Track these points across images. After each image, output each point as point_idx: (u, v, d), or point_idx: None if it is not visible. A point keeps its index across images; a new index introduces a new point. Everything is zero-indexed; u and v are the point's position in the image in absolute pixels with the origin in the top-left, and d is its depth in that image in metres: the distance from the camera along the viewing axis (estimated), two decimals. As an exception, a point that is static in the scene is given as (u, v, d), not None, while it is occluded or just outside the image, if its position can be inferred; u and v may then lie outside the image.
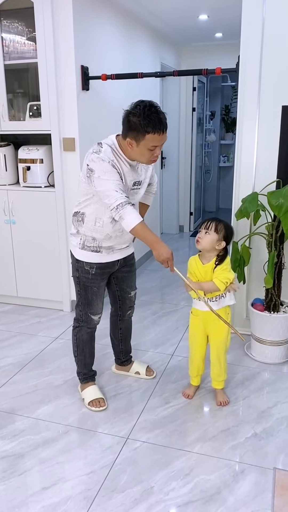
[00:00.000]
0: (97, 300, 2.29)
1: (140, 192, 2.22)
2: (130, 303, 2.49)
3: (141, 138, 1.94)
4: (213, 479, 1.87)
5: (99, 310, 2.33)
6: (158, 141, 1.97)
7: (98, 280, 2.25)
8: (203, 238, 2.19)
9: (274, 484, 1.84)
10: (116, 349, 2.62)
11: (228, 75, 6.47)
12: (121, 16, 3.74)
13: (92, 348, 2.42)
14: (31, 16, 3.01)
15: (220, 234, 2.19)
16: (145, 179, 2.23)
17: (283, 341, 2.72)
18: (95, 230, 2.15)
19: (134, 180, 2.14)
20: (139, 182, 2.17)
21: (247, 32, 2.64)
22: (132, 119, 1.93)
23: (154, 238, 2.02)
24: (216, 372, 2.37)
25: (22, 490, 1.83)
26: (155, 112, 1.93)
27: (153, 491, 1.81)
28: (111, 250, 2.23)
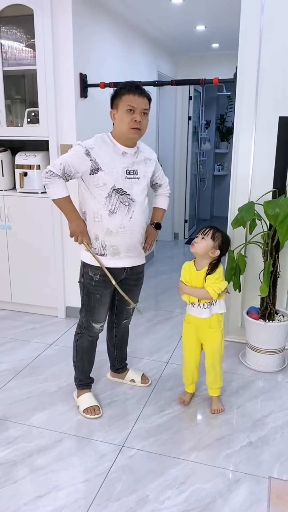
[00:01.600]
0: (100, 308, 2.27)
1: (141, 184, 2.17)
2: (127, 314, 2.47)
3: (119, 102, 2.07)
4: (209, 488, 1.87)
5: (102, 318, 2.31)
6: (134, 101, 2.04)
7: (101, 288, 2.23)
8: (199, 242, 2.21)
9: (269, 493, 1.84)
10: (112, 356, 2.61)
11: (224, 85, 6.53)
12: (119, 25, 3.77)
13: (91, 356, 2.41)
14: (30, 23, 3.04)
15: (216, 242, 2.20)
16: (145, 174, 2.21)
17: (278, 350, 2.74)
18: (96, 226, 2.15)
19: (127, 167, 2.12)
20: (134, 171, 2.15)
21: (245, 42, 2.68)
22: (112, 96, 2.11)
23: (74, 215, 2.17)
24: (211, 380, 2.38)
25: (16, 498, 1.81)
26: (132, 82, 2.11)
27: (149, 499, 1.81)
28: (117, 254, 2.18)
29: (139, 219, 2.18)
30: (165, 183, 2.45)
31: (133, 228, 2.16)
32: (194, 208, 6.77)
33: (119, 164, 2.10)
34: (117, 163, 2.10)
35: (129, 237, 2.17)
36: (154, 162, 2.29)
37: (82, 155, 2.06)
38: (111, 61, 3.66)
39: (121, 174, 2.11)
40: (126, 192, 2.11)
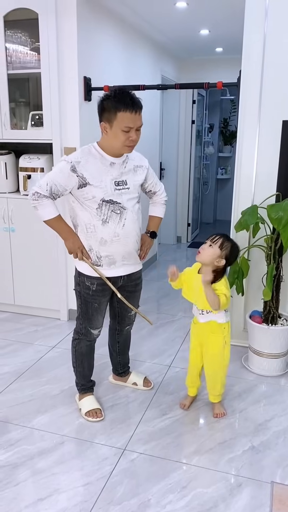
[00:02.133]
0: (98, 315, 2.26)
1: (130, 193, 2.13)
2: (128, 320, 2.46)
3: (113, 118, 1.96)
4: (210, 492, 1.86)
5: (99, 324, 2.31)
6: (131, 121, 1.95)
7: (99, 297, 2.21)
8: (205, 250, 2.14)
9: (272, 498, 1.83)
10: (114, 360, 2.60)
11: (227, 89, 6.55)
12: (123, 29, 3.79)
13: (91, 360, 2.40)
14: (35, 27, 3.05)
15: (224, 252, 2.13)
16: (135, 182, 2.16)
17: (281, 354, 2.73)
18: (89, 237, 2.12)
19: (115, 179, 2.08)
20: (123, 182, 2.11)
21: (249, 46, 2.68)
22: (104, 103, 1.98)
23: (68, 232, 2.15)
24: (210, 386, 2.36)
25: (18, 501, 1.81)
26: (127, 93, 1.97)
27: (150, 503, 1.80)
28: (113, 263, 2.16)
29: (132, 226, 2.15)
30: (160, 190, 2.40)
31: (127, 236, 2.14)
32: (197, 212, 6.77)
33: (107, 176, 2.06)
34: (105, 175, 2.05)
35: (124, 245, 2.15)
36: (146, 169, 2.23)
37: (68, 172, 2.01)
38: (115, 64, 3.67)
39: (110, 187, 2.06)
40: (116, 201, 2.08)
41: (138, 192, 2.21)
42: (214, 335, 2.25)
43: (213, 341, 2.26)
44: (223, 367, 2.32)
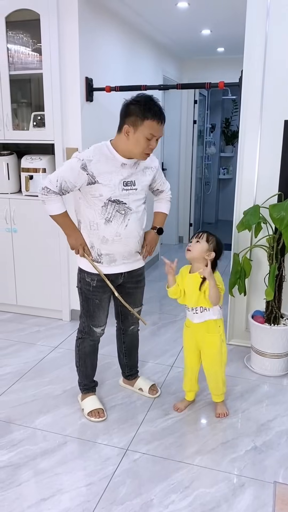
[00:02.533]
0: (99, 312, 2.26)
1: (137, 194, 2.15)
2: (132, 319, 2.44)
3: (139, 124, 1.98)
4: (213, 492, 1.86)
5: (102, 322, 2.30)
6: (156, 130, 2.00)
7: (100, 293, 2.22)
8: (193, 246, 2.19)
9: (275, 498, 1.83)
10: (121, 362, 2.58)
11: (229, 89, 6.55)
12: (125, 29, 3.79)
13: (94, 360, 2.40)
14: (36, 28, 3.06)
15: (211, 245, 2.18)
16: (143, 183, 2.17)
17: (283, 354, 2.72)
18: (92, 235, 2.13)
19: (124, 179, 2.08)
20: (132, 182, 2.12)
21: (251, 46, 2.68)
22: (131, 107, 2.00)
23: (72, 229, 2.17)
24: (213, 387, 2.36)
25: (20, 501, 1.81)
26: (155, 103, 2.01)
27: (153, 503, 1.80)
28: (113, 262, 2.18)
29: (134, 227, 2.16)
30: (167, 189, 2.41)
31: (129, 236, 2.15)
32: (199, 212, 6.76)
33: (117, 176, 2.07)
34: (115, 175, 2.06)
35: (125, 245, 2.16)
36: (155, 170, 2.25)
37: (78, 170, 2.02)
38: (116, 65, 3.68)
39: (118, 187, 2.07)
40: (122, 202, 2.09)
41: (146, 193, 2.23)
42: (210, 334, 2.25)
43: (210, 340, 2.27)
44: (223, 365, 2.33)
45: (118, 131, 2.08)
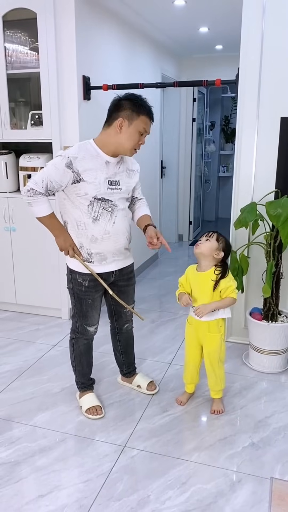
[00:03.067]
0: (92, 312, 2.27)
1: (122, 194, 2.15)
2: (126, 317, 2.44)
3: (135, 118, 2.05)
4: (210, 488, 1.87)
5: (95, 321, 2.31)
6: (148, 127, 2.09)
7: (92, 292, 2.22)
8: (203, 243, 2.22)
9: (271, 493, 1.83)
10: (118, 360, 2.59)
11: (228, 87, 6.54)
12: (122, 27, 3.79)
13: (89, 358, 2.41)
14: (34, 27, 3.06)
15: (221, 245, 2.21)
16: (128, 184, 2.18)
17: (281, 351, 2.73)
18: (80, 235, 2.13)
19: (109, 178, 2.09)
20: (116, 182, 2.12)
21: (247, 44, 2.68)
22: (125, 102, 2.06)
23: (60, 230, 2.16)
24: (212, 383, 2.37)
25: (18, 497, 1.82)
26: (147, 102, 2.11)
27: (150, 499, 1.81)
28: (104, 260, 2.18)
29: (122, 224, 2.17)
30: (143, 196, 2.41)
31: (117, 233, 2.16)
32: (198, 210, 6.77)
33: (101, 174, 2.07)
34: (100, 172, 2.06)
35: (114, 242, 2.16)
36: (137, 173, 2.27)
37: (63, 168, 2.01)
38: (114, 63, 3.68)
39: (103, 185, 2.07)
40: (108, 199, 2.10)
41: (129, 194, 2.23)
42: (212, 334, 2.27)
43: (211, 339, 2.28)
44: (222, 362, 2.35)
45: (107, 125, 2.10)
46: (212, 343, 2.29)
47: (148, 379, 2.59)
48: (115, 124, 2.06)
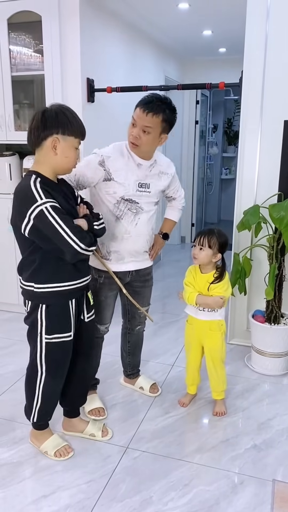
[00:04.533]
0: (104, 310, 2.28)
1: (150, 197, 2.18)
2: (139, 319, 2.46)
3: (133, 113, 2.06)
4: (212, 490, 1.87)
5: (106, 320, 2.32)
6: (138, 117, 2.03)
7: (105, 290, 2.24)
8: (199, 254, 2.23)
9: (273, 496, 1.84)
10: (124, 361, 2.60)
11: (231, 89, 6.55)
12: (126, 30, 3.81)
13: (97, 357, 2.41)
14: (38, 29, 3.08)
15: (214, 248, 2.21)
16: (157, 187, 2.20)
17: (284, 353, 2.73)
18: None
19: (139, 180, 2.12)
20: (146, 185, 2.15)
21: (251, 47, 2.70)
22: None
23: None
24: (214, 383, 2.38)
25: (21, 498, 1.83)
26: (153, 95, 2.06)
27: (152, 501, 1.81)
28: (121, 259, 2.20)
29: (145, 226, 2.19)
30: (179, 197, 2.45)
31: (138, 235, 2.18)
32: (201, 212, 6.78)
33: (132, 176, 2.10)
34: (130, 174, 2.10)
35: (133, 243, 2.19)
36: (171, 177, 2.28)
37: (95, 166, 2.06)
38: (118, 65, 3.70)
39: (133, 187, 2.11)
40: (135, 201, 2.13)
41: (158, 197, 2.26)
42: (213, 332, 2.29)
43: (212, 337, 2.31)
44: (223, 362, 2.36)
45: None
46: (214, 342, 2.30)
47: (150, 381, 2.59)
48: None
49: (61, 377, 2.01)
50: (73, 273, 1.88)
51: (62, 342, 1.92)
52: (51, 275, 1.84)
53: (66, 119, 1.78)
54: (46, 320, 1.88)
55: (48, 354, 1.91)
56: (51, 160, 1.80)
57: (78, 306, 1.98)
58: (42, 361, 1.92)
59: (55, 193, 1.80)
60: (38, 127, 1.76)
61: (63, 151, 1.79)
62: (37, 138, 1.77)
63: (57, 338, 1.90)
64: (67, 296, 1.90)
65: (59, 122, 1.77)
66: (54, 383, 1.98)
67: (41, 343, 1.90)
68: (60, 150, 1.79)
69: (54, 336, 1.90)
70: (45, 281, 1.84)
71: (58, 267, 1.84)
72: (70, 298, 1.91)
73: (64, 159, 1.81)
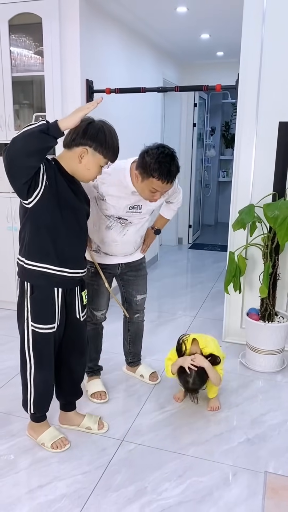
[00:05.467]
0: (98, 297, 2.39)
1: (142, 215, 2.27)
2: (136, 307, 2.56)
3: (145, 178, 2.05)
4: (206, 481, 1.91)
5: (102, 307, 2.43)
6: (160, 187, 2.06)
7: (98, 279, 2.35)
8: (197, 361, 2.27)
9: (265, 487, 1.88)
10: (125, 349, 2.71)
11: (229, 92, 6.63)
12: (125, 33, 3.87)
13: (98, 344, 2.52)
14: (39, 31, 3.13)
15: (209, 361, 2.30)
16: (149, 207, 2.26)
17: (277, 350, 2.78)
18: (93, 233, 2.28)
19: (131, 204, 2.19)
20: (138, 206, 2.22)
21: (247, 51, 2.75)
22: (146, 158, 2.02)
23: None
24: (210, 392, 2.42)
25: (18, 487, 1.87)
26: (168, 161, 2.02)
27: (147, 491, 1.85)
28: (110, 255, 2.34)
29: (132, 236, 2.32)
30: (177, 201, 2.53)
31: (125, 243, 2.31)
32: (198, 214, 6.84)
33: (124, 201, 2.18)
34: (123, 200, 2.17)
35: (121, 248, 2.33)
36: (166, 196, 2.35)
37: (89, 185, 2.11)
38: (117, 67, 3.75)
39: (123, 209, 2.20)
40: (125, 219, 2.24)
41: (150, 214, 2.33)
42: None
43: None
44: (220, 380, 2.38)
45: (136, 167, 2.09)
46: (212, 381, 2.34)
47: (150, 369, 2.69)
48: (135, 173, 2.10)
49: (48, 369, 2.04)
50: (64, 260, 1.91)
51: (46, 333, 1.95)
52: (41, 254, 1.87)
53: (104, 138, 1.83)
54: (32, 306, 1.92)
55: (34, 344, 1.96)
56: (74, 165, 1.87)
57: (66, 300, 2.00)
58: (30, 350, 1.97)
59: (63, 179, 1.85)
60: (78, 132, 1.82)
61: (88, 163, 1.86)
62: (71, 140, 1.83)
63: (41, 328, 1.94)
64: (54, 282, 1.92)
65: (97, 138, 1.82)
66: (43, 375, 2.02)
67: (28, 330, 1.95)
68: (85, 161, 1.85)
69: (39, 326, 1.94)
70: (34, 259, 1.88)
71: (46, 248, 1.86)
72: (56, 286, 1.93)
73: (85, 170, 1.88)
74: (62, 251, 1.89)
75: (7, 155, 1.68)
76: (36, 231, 1.85)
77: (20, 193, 1.79)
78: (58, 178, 1.84)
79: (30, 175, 1.72)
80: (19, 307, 1.98)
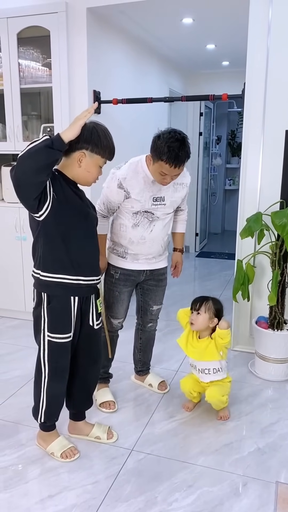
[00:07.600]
0: (117, 304, 2.40)
1: (166, 208, 2.29)
2: (151, 316, 2.58)
3: (155, 161, 2.10)
4: (216, 491, 1.89)
5: (120, 315, 2.43)
6: (168, 171, 2.09)
7: (120, 286, 2.37)
8: (196, 319, 2.33)
9: (276, 497, 1.86)
10: (135, 357, 2.71)
11: (234, 101, 6.66)
12: (132, 44, 3.92)
13: (112, 353, 2.51)
14: (46, 44, 3.19)
15: (210, 312, 2.32)
16: (173, 199, 2.30)
17: (287, 359, 2.76)
18: (120, 235, 2.31)
19: (154, 195, 2.23)
20: (161, 198, 2.25)
21: (253, 60, 2.78)
22: (157, 142, 2.07)
23: (103, 251, 2.31)
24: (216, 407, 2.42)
25: (28, 497, 1.86)
26: (178, 146, 2.04)
27: (157, 501, 1.84)
28: (136, 260, 2.34)
29: (159, 232, 2.32)
30: (185, 207, 2.58)
31: (153, 240, 2.32)
32: (205, 222, 6.84)
33: (147, 192, 2.21)
34: (146, 192, 2.21)
35: (149, 247, 2.32)
36: (186, 187, 2.38)
37: (116, 189, 2.19)
38: (124, 78, 3.79)
39: (148, 201, 2.23)
40: (151, 212, 2.26)
41: (174, 208, 2.36)
42: (217, 387, 2.36)
43: (216, 390, 2.35)
44: (227, 395, 2.39)
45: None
46: (218, 393, 2.34)
47: (159, 378, 2.69)
48: (148, 156, 2.20)
49: (63, 380, 2.05)
50: (79, 268, 1.93)
51: (62, 343, 1.96)
52: (56, 265, 1.89)
53: (98, 138, 1.86)
54: (49, 316, 1.92)
55: (50, 354, 1.96)
56: (74, 170, 1.90)
57: (82, 308, 2.02)
58: (45, 361, 1.97)
59: (69, 188, 1.89)
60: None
61: (87, 166, 1.89)
62: (68, 147, 1.84)
63: (58, 338, 1.95)
64: (70, 291, 1.94)
65: (91, 140, 1.85)
66: (57, 385, 2.03)
67: (44, 340, 1.95)
68: (84, 164, 1.88)
69: (55, 336, 1.94)
70: (49, 270, 1.90)
71: (61, 258, 1.88)
72: (73, 294, 1.95)
73: (86, 173, 1.91)
74: (77, 259, 1.91)
75: (15, 175, 1.72)
76: (50, 242, 1.87)
77: (31, 209, 1.83)
78: (65, 187, 1.87)
79: (40, 190, 1.75)
80: (36, 318, 1.99)
